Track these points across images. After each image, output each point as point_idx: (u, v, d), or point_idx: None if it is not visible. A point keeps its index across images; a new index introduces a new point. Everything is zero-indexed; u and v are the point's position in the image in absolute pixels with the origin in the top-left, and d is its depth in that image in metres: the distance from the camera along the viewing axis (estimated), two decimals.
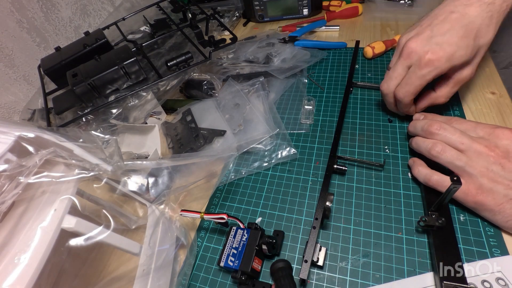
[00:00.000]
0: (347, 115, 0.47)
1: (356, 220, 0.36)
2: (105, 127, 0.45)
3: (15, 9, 0.52)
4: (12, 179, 0.21)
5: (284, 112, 0.51)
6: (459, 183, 0.27)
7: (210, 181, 0.41)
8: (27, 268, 0.20)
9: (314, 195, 0.39)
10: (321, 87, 0.54)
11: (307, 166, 0.42)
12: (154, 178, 0.40)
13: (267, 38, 0.65)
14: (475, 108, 0.44)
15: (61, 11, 0.61)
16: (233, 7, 0.79)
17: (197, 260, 0.36)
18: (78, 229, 0.24)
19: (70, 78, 0.44)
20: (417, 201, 0.36)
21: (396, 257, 0.32)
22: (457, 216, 0.33)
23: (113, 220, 0.27)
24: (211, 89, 0.55)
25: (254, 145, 0.44)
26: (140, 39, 0.61)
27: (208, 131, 0.48)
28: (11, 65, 0.52)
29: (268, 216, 0.38)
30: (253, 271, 0.31)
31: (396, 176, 0.39)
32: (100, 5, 0.71)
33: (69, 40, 0.62)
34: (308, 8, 0.72)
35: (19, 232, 0.22)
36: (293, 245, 0.35)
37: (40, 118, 0.47)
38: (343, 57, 0.59)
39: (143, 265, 0.29)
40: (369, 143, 0.43)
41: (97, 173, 0.27)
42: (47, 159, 0.23)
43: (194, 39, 0.53)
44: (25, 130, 0.24)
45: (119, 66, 0.44)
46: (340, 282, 0.31)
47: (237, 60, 0.60)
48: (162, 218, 0.35)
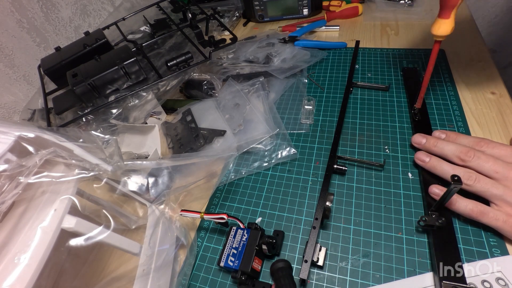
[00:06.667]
0: (347, 115, 0.47)
1: (356, 220, 0.36)
2: (105, 127, 0.45)
3: (15, 9, 0.52)
4: (12, 179, 0.21)
5: (284, 112, 0.51)
6: (459, 182, 0.27)
7: (210, 181, 0.41)
8: (27, 268, 0.20)
9: (314, 195, 0.39)
10: (321, 87, 0.54)
11: (307, 166, 0.42)
12: (154, 178, 0.40)
13: (267, 38, 0.65)
14: (475, 108, 0.44)
15: (61, 11, 0.61)
16: (233, 7, 0.79)
17: (197, 260, 0.36)
18: (78, 229, 0.24)
19: (70, 78, 0.44)
20: (417, 201, 0.36)
21: (396, 257, 0.32)
22: (457, 216, 0.33)
23: (113, 220, 0.27)
24: (211, 89, 0.55)
25: (254, 145, 0.44)
26: (140, 39, 0.61)
27: (208, 131, 0.48)
28: (11, 65, 0.52)
29: (268, 216, 0.38)
30: (253, 271, 0.31)
31: (396, 176, 0.39)
32: (100, 5, 0.71)
33: (69, 40, 0.62)
34: (308, 8, 0.72)
35: (19, 232, 0.22)
36: (293, 245, 0.35)
37: (40, 118, 0.47)
38: (343, 57, 0.59)
39: (143, 265, 0.29)
40: (369, 143, 0.43)
41: (97, 173, 0.27)
42: (47, 159, 0.23)
43: (194, 39, 0.53)
44: (25, 130, 0.24)
45: (119, 66, 0.44)
46: (340, 282, 0.31)
47: (237, 60, 0.60)
48: (162, 218, 0.35)
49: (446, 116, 0.43)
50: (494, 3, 0.88)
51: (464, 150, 0.34)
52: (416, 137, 0.39)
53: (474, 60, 0.51)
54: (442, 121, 0.43)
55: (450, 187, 0.28)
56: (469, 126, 0.41)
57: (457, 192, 0.30)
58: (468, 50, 0.53)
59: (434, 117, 0.44)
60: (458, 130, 0.41)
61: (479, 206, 0.31)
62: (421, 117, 0.43)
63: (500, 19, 0.89)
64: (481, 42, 0.55)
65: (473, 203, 0.32)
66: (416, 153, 0.38)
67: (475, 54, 0.52)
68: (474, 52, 0.53)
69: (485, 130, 0.41)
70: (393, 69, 0.54)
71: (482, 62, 0.50)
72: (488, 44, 0.93)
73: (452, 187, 0.28)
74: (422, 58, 0.54)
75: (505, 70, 0.97)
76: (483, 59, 0.51)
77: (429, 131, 0.40)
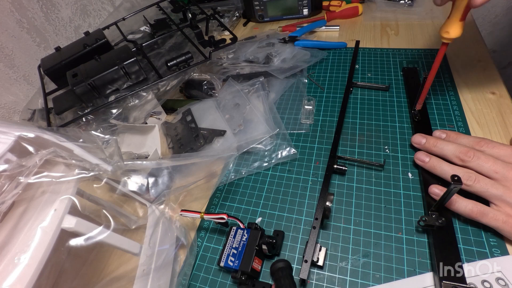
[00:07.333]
0: (347, 115, 0.47)
1: (356, 220, 0.36)
2: (105, 127, 0.45)
3: (15, 9, 0.52)
4: (12, 179, 0.21)
5: (284, 112, 0.51)
6: (459, 183, 0.27)
7: (210, 181, 0.41)
8: (27, 268, 0.20)
9: (314, 195, 0.39)
10: (321, 87, 0.54)
11: (307, 166, 0.42)
12: (154, 178, 0.40)
13: (267, 38, 0.65)
14: (475, 108, 0.44)
15: (61, 11, 0.61)
16: (233, 7, 0.79)
17: (197, 260, 0.36)
18: (78, 229, 0.24)
19: (70, 78, 0.44)
20: (417, 201, 0.36)
21: (396, 257, 0.32)
22: (457, 216, 0.33)
23: (113, 220, 0.27)
24: (211, 89, 0.55)
25: (254, 145, 0.44)
26: (140, 39, 0.61)
27: (208, 131, 0.48)
28: (11, 65, 0.52)
29: (268, 216, 0.38)
30: (253, 271, 0.31)
31: (396, 176, 0.39)
32: (100, 5, 0.71)
33: (69, 40, 0.62)
34: (308, 8, 0.72)
35: (19, 232, 0.22)
36: (293, 245, 0.35)
37: (40, 118, 0.47)
38: (343, 57, 0.59)
39: (143, 265, 0.29)
40: (369, 143, 0.43)
41: (97, 173, 0.27)
42: (47, 159, 0.23)
43: (194, 39, 0.53)
44: (25, 130, 0.24)
45: (119, 66, 0.44)
46: (340, 282, 0.31)
47: (237, 60, 0.60)
48: (162, 218, 0.35)
49: (446, 116, 0.43)
50: (494, 3, 0.88)
51: (464, 150, 0.34)
52: (415, 137, 0.39)
53: (474, 60, 0.51)
54: (442, 121, 0.43)
55: (450, 187, 0.28)
56: (469, 126, 0.41)
57: (457, 192, 0.30)
58: (468, 50, 0.53)
59: (434, 117, 0.44)
60: (458, 130, 0.41)
61: (478, 206, 0.31)
62: (421, 117, 0.43)
63: (500, 19, 0.90)
64: (481, 42, 0.55)
65: (472, 203, 0.32)
66: (416, 153, 0.38)
67: (475, 54, 0.52)
68: (474, 52, 0.53)
69: (485, 130, 0.41)
70: (393, 69, 0.54)
71: (482, 62, 0.50)
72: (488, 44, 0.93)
73: (452, 187, 0.28)
74: (422, 58, 0.54)
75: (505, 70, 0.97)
76: (483, 59, 0.51)
77: (429, 131, 0.40)
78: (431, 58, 0.54)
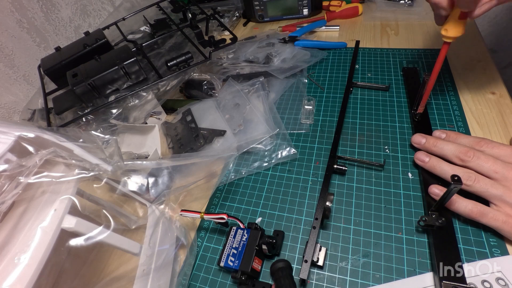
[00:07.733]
0: (347, 115, 0.47)
1: (356, 220, 0.36)
2: (105, 127, 0.45)
3: (15, 9, 0.52)
4: (12, 179, 0.21)
5: (284, 112, 0.51)
6: (459, 183, 0.27)
7: (210, 181, 0.41)
8: (27, 268, 0.20)
9: (314, 195, 0.39)
10: (321, 87, 0.54)
11: (307, 166, 0.42)
12: (154, 178, 0.40)
13: (267, 38, 0.65)
14: (475, 108, 0.44)
15: (61, 11, 0.61)
16: (233, 7, 0.79)
17: (197, 260, 0.36)
18: (78, 229, 0.24)
19: (70, 78, 0.44)
20: (417, 201, 0.36)
21: (396, 257, 0.32)
22: (457, 216, 0.33)
23: (113, 220, 0.27)
24: (211, 89, 0.55)
25: (254, 145, 0.44)
26: (140, 39, 0.61)
27: (208, 131, 0.48)
28: (11, 65, 0.52)
29: (268, 216, 0.38)
30: (253, 271, 0.31)
31: (396, 176, 0.39)
32: (100, 5, 0.71)
33: (69, 40, 0.62)
34: (308, 8, 0.72)
35: (19, 232, 0.22)
36: (293, 245, 0.35)
37: (40, 118, 0.47)
38: (343, 57, 0.59)
39: (143, 265, 0.29)
40: (369, 143, 0.43)
41: (97, 173, 0.27)
42: (47, 159, 0.23)
43: (194, 39, 0.53)
44: (25, 130, 0.24)
45: (119, 66, 0.44)
46: (340, 282, 0.31)
47: (237, 60, 0.60)
48: (162, 218, 0.35)
49: (446, 116, 0.43)
50: None
51: (464, 150, 0.34)
52: (415, 137, 0.39)
53: (474, 60, 0.51)
54: (442, 121, 0.43)
55: (450, 187, 0.28)
56: (469, 126, 0.41)
57: (457, 192, 0.30)
58: (468, 50, 0.53)
59: (434, 117, 0.44)
60: (458, 130, 0.41)
61: (478, 206, 0.31)
62: (421, 117, 0.43)
63: (500, 19, 0.89)
64: (481, 42, 0.55)
65: (472, 203, 0.32)
66: (416, 153, 0.38)
67: (475, 54, 0.52)
68: (474, 52, 0.53)
69: (485, 130, 0.41)
70: (393, 69, 0.54)
71: (482, 62, 0.50)
72: (488, 44, 0.93)
73: (452, 187, 0.28)
74: (422, 58, 0.54)
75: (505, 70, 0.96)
76: (483, 59, 0.51)
77: (429, 131, 0.40)
78: (431, 58, 0.54)
